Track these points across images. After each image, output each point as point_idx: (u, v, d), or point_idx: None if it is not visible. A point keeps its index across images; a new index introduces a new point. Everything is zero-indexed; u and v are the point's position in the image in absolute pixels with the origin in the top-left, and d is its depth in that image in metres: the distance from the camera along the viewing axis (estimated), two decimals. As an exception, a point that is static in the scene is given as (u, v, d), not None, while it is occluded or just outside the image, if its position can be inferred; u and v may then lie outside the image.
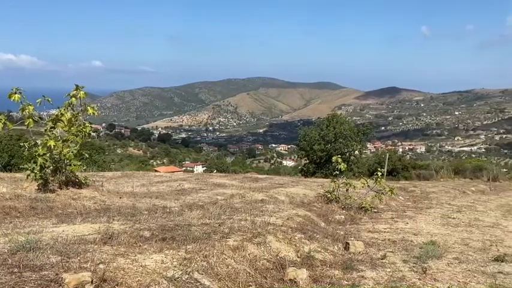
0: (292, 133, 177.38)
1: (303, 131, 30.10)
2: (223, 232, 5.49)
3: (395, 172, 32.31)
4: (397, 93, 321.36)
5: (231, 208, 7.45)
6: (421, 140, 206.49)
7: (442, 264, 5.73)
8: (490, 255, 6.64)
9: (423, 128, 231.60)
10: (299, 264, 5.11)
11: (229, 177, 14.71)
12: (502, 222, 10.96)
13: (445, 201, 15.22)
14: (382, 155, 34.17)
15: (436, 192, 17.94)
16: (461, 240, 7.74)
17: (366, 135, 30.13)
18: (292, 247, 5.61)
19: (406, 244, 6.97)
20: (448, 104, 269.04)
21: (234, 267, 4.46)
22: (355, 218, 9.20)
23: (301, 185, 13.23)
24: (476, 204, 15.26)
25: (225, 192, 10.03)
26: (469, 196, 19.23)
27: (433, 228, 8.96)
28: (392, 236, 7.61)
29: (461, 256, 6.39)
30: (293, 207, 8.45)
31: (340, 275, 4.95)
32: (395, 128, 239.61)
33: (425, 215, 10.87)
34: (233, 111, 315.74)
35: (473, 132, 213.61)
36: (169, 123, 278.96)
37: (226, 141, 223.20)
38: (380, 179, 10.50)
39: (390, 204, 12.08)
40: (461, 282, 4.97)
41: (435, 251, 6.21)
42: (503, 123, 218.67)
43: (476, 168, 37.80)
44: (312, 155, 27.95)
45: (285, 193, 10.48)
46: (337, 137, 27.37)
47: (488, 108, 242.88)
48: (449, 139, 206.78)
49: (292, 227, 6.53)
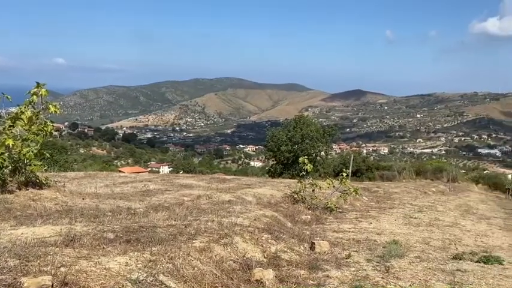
0: (260, 134, 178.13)
1: (271, 132, 30.26)
2: (190, 233, 5.44)
3: (359, 173, 32.98)
4: (362, 96, 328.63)
5: (197, 209, 7.40)
6: (385, 142, 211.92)
7: (404, 263, 5.90)
8: (449, 253, 6.89)
9: (387, 130, 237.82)
10: (265, 264, 5.13)
11: (196, 178, 14.61)
12: (461, 222, 11.40)
13: (407, 201, 15.68)
14: (347, 156, 34.83)
15: (398, 192, 18.45)
16: (422, 240, 7.99)
17: (331, 136, 30.56)
18: (259, 248, 5.63)
19: (369, 243, 7.13)
20: (410, 107, 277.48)
21: (200, 269, 4.43)
22: (321, 218, 9.34)
23: (268, 185, 13.30)
24: (437, 205, 15.81)
25: (191, 193, 9.94)
26: (430, 196, 19.90)
27: (395, 227, 9.21)
28: (357, 236, 7.77)
29: (422, 255, 6.59)
30: (260, 207, 8.48)
31: (305, 274, 5.00)
32: (360, 130, 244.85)
33: (388, 215, 11.16)
34: (201, 112, 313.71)
35: (434, 134, 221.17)
36: (135, 123, 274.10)
37: (194, 141, 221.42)
38: (345, 179, 10.70)
39: (355, 204, 12.33)
40: (422, 280, 5.13)
41: (398, 250, 6.38)
42: (462, 126, 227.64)
43: (437, 169, 39.15)
44: (279, 155, 28.12)
45: (253, 194, 10.50)
46: (304, 138, 27.66)
47: (448, 111, 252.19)
48: (411, 141, 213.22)
49: (259, 227, 6.55)
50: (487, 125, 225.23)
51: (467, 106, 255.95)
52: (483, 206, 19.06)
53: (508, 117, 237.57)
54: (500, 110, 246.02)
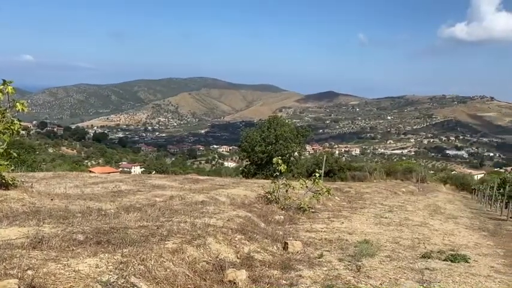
0: (234, 134, 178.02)
1: (245, 132, 30.29)
2: (162, 235, 5.38)
3: (332, 173, 33.40)
4: (335, 98, 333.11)
5: (170, 210, 7.32)
6: (356, 143, 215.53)
7: (375, 262, 6.01)
8: (418, 252, 7.06)
9: (358, 131, 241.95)
10: (239, 265, 5.12)
11: (169, 179, 14.45)
12: (429, 221, 11.71)
13: (377, 201, 15.98)
14: (320, 156, 35.22)
15: (369, 192, 18.79)
16: (393, 239, 8.16)
17: (305, 137, 30.83)
18: (232, 248, 5.62)
19: (341, 243, 7.23)
20: (381, 109, 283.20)
21: (173, 270, 4.39)
22: (294, 218, 9.40)
23: (242, 186, 13.29)
24: (406, 204, 16.18)
25: (164, 193, 9.83)
26: (400, 196, 20.35)
27: (366, 227, 9.37)
28: (329, 236, 7.87)
29: (392, 254, 6.73)
30: (234, 208, 8.47)
31: (278, 274, 5.02)
32: (333, 131, 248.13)
33: (359, 215, 11.35)
34: (174, 111, 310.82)
35: (404, 136, 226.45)
36: (106, 122, 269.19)
37: (166, 141, 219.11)
38: (318, 180, 10.81)
39: (327, 204, 12.48)
40: (393, 279, 5.24)
41: (369, 250, 6.50)
42: (431, 128, 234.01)
43: (407, 170, 40.11)
44: (253, 156, 28.17)
45: (226, 194, 10.48)
46: (278, 138, 27.78)
47: (418, 113, 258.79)
48: (382, 142, 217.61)
49: (233, 228, 6.55)
50: (454, 127, 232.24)
51: (436, 108, 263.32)
52: (451, 205, 19.64)
53: (474, 119, 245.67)
54: (467, 113, 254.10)
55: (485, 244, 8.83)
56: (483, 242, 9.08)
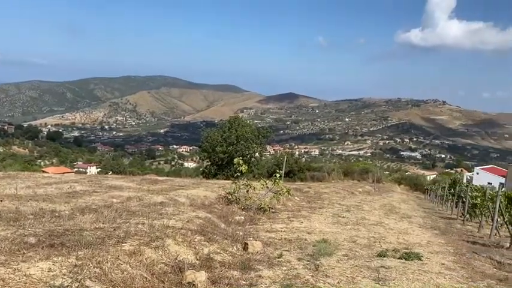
0: (195, 134, 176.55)
1: (206, 132, 30.07)
2: (119, 236, 5.24)
3: (292, 174, 33.78)
4: (296, 99, 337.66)
5: (127, 211, 7.15)
6: (316, 144, 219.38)
7: (333, 261, 6.13)
8: (374, 251, 7.26)
9: (318, 133, 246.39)
10: (198, 266, 5.08)
11: (126, 179, 14.13)
12: (385, 221, 12.08)
13: (336, 201, 16.32)
14: (281, 157, 35.55)
15: (328, 192, 19.16)
16: (350, 238, 8.35)
17: (266, 138, 30.98)
18: (192, 250, 5.57)
19: (300, 243, 7.32)
20: (339, 111, 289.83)
21: (130, 273, 4.29)
22: (254, 218, 9.43)
23: (202, 186, 13.19)
24: (363, 204, 16.62)
25: (121, 194, 9.59)
26: (357, 196, 20.88)
27: (325, 227, 9.54)
28: (288, 235, 7.94)
29: (349, 253, 6.89)
30: (194, 209, 8.39)
31: (238, 275, 5.02)
32: (293, 132, 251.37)
33: (318, 215, 11.54)
34: (132, 110, 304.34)
35: (361, 137, 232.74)
36: (61, 121, 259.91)
37: (124, 141, 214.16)
38: (278, 180, 10.89)
39: (287, 204, 12.61)
40: (350, 277, 5.36)
41: (327, 249, 6.62)
42: (387, 130, 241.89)
43: (363, 170, 41.22)
44: (214, 156, 28.01)
45: (186, 195, 10.36)
46: (239, 139, 27.76)
47: (374, 116, 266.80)
48: (340, 143, 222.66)
49: (192, 229, 6.48)
50: (409, 129, 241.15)
51: (392, 111, 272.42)
52: (405, 205, 20.34)
53: (427, 122, 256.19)
54: (421, 116, 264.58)
55: (436, 242, 9.21)
56: (435, 240, 9.46)
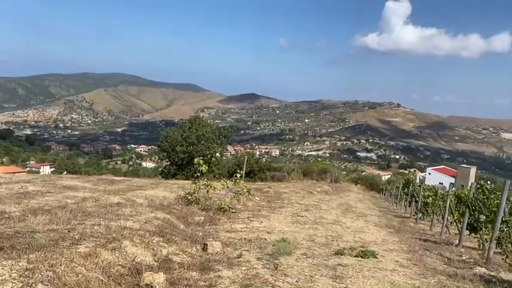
0: (154, 134, 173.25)
1: (165, 131, 29.57)
2: (74, 238, 5.07)
3: (252, 174, 33.89)
4: (257, 100, 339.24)
5: (83, 212, 6.93)
6: (276, 144, 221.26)
7: (292, 260, 6.20)
8: (331, 249, 7.41)
9: (278, 133, 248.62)
10: (156, 268, 4.99)
11: (82, 179, 13.69)
12: (342, 219, 12.36)
13: (295, 200, 16.53)
14: (241, 157, 35.56)
15: (287, 192, 19.37)
16: (308, 237, 8.48)
17: (226, 138, 30.88)
18: (150, 251, 5.46)
19: (260, 242, 7.36)
20: (299, 112, 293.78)
21: (85, 276, 4.15)
22: (214, 218, 9.38)
23: (161, 187, 12.99)
24: (321, 203, 16.93)
25: (76, 195, 9.27)
26: (315, 196, 21.25)
27: (284, 226, 9.64)
28: (248, 235, 7.96)
29: (308, 251, 6.99)
30: (152, 210, 8.24)
31: (197, 276, 4.98)
32: (254, 132, 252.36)
33: (278, 214, 11.64)
34: (88, 108, 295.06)
35: (320, 138, 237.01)
36: (12, 118, 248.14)
37: (80, 140, 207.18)
38: (239, 180, 10.89)
39: (247, 204, 12.63)
40: (308, 276, 5.44)
41: (286, 248, 6.69)
42: (344, 131, 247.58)
43: (322, 170, 42.07)
44: (173, 156, 27.61)
45: (144, 196, 10.16)
46: (200, 139, 27.53)
47: (332, 117, 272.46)
48: (300, 144, 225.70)
49: (150, 230, 6.36)
50: (365, 131, 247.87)
51: (349, 113, 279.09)
52: (361, 204, 20.91)
53: (383, 124, 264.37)
54: (377, 118, 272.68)
55: (391, 240, 9.52)
56: (389, 239, 9.77)
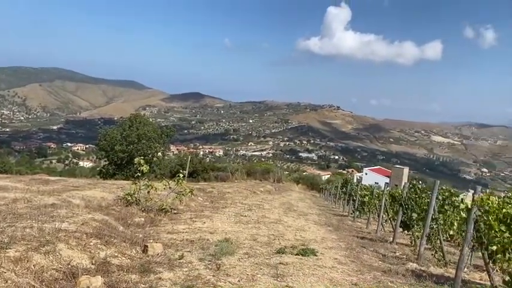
0: (92, 132, 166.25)
1: (104, 130, 28.53)
2: (2, 242, 4.76)
3: (195, 174, 33.63)
4: (201, 99, 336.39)
5: (13, 214, 6.52)
6: (220, 144, 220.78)
7: (234, 260, 6.22)
8: (273, 248, 7.52)
9: (222, 133, 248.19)
10: (93, 271, 4.81)
11: (13, 179, 12.87)
12: (284, 218, 12.58)
13: (238, 200, 16.59)
14: (184, 157, 35.18)
15: (231, 192, 19.39)
16: (251, 236, 8.55)
17: (169, 137, 30.42)
18: (87, 254, 5.25)
19: (203, 243, 7.32)
20: (244, 113, 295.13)
21: (15, 281, 3.91)
22: (156, 219, 9.20)
23: (99, 187, 12.51)
24: (264, 203, 17.13)
25: (6, 196, 8.70)
26: (259, 196, 21.46)
27: (227, 226, 9.65)
28: (191, 236, 7.89)
29: (250, 251, 7.05)
30: (89, 211, 7.92)
31: (137, 279, 4.86)
32: (198, 132, 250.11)
33: (221, 214, 11.63)
34: (21, 104, 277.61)
35: (264, 139, 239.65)
36: None
37: (11, 137, 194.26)
38: (181, 180, 10.76)
39: (190, 205, 12.50)
40: (250, 275, 5.49)
41: (228, 248, 6.70)
42: (287, 132, 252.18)
43: (265, 170, 42.55)
44: (112, 155, 26.72)
45: (81, 196, 9.74)
46: (141, 138, 26.86)
47: (276, 118, 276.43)
48: (244, 144, 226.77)
49: (88, 232, 6.12)
50: (307, 132, 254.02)
51: (292, 114, 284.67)
52: (302, 203, 21.41)
53: (323, 126, 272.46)
54: (318, 120, 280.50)
55: (330, 238, 9.84)
56: (328, 236, 10.10)
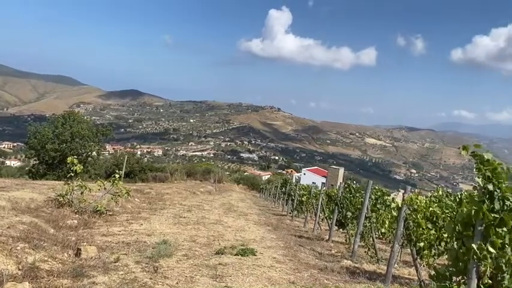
0: (21, 129, 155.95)
1: (34, 127, 26.89)
2: None
3: (133, 174, 32.70)
4: (139, 97, 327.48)
5: None
6: (159, 144, 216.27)
7: (172, 262, 6.12)
8: (213, 249, 7.50)
9: (162, 132, 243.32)
10: (20, 277, 4.52)
11: None
12: (224, 219, 12.57)
13: (177, 201, 16.34)
14: (121, 157, 34.08)
15: (170, 193, 19.05)
16: (190, 238, 8.46)
17: (105, 136, 29.32)
18: (13, 259, 4.92)
19: (139, 245, 7.12)
20: (184, 112, 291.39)
21: None
22: (90, 222, 8.82)
23: (28, 188, 11.75)
24: (204, 204, 17.01)
25: None
26: (199, 196, 21.27)
27: (165, 227, 9.47)
28: (127, 238, 7.65)
29: (189, 252, 6.97)
30: (16, 213, 7.43)
31: (69, 284, 4.63)
32: (136, 131, 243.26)
33: (159, 216, 11.39)
34: None
35: (205, 139, 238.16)
36: None
37: None
38: (117, 181, 10.41)
39: (126, 206, 12.12)
40: (188, 277, 5.43)
41: (167, 250, 6.58)
42: (229, 133, 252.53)
43: (206, 171, 42.32)
44: (43, 154, 25.26)
45: (7, 198, 9.10)
46: (74, 136, 25.65)
47: (217, 118, 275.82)
48: (184, 144, 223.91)
49: (14, 236, 5.74)
50: (248, 133, 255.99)
51: (234, 115, 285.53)
52: (242, 203, 21.52)
53: (264, 127, 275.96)
54: (259, 121, 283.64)
55: (269, 238, 9.97)
56: (268, 236, 10.23)
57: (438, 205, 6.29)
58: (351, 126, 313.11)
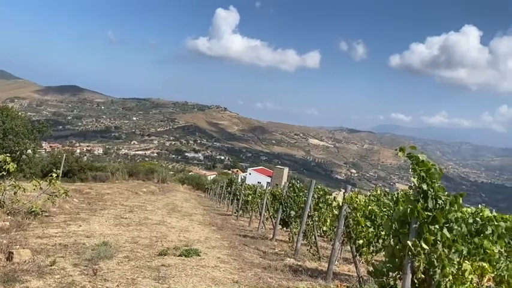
0: None
1: (-39, 123, 24.99)
2: None
3: (71, 174, 31.37)
4: (79, 93, 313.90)
5: None
6: (100, 142, 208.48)
7: (113, 264, 5.93)
8: (155, 250, 7.35)
9: (103, 130, 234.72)
10: None
11: None
12: (167, 219, 12.37)
13: (119, 202, 15.85)
14: (59, 155, 32.54)
15: (111, 193, 18.45)
16: (132, 239, 8.24)
17: (41, 133, 27.84)
18: None
19: (78, 247, 6.83)
20: (127, 109, 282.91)
21: None
22: (23, 223, 8.33)
23: (-48, 188, 10.90)
24: (147, 204, 16.64)
25: None
26: (141, 197, 20.76)
27: (106, 229, 9.16)
28: (64, 240, 7.31)
29: (130, 254, 6.79)
30: None
31: (-1, 290, 4.35)
32: (75, 128, 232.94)
33: (99, 217, 10.99)
34: None
35: (148, 137, 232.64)
36: None
37: None
38: (54, 180, 9.93)
39: (64, 207, 11.59)
40: (130, 279, 5.28)
41: (107, 252, 6.36)
42: (174, 132, 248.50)
43: (149, 170, 41.38)
44: (-29, 152, 23.57)
45: None
46: (7, 133, 24.12)
47: (162, 117, 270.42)
48: (126, 142, 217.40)
49: None
50: (194, 132, 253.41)
51: (179, 113, 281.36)
52: (187, 204, 21.29)
53: (210, 126, 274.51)
54: (205, 120, 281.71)
55: (214, 238, 9.94)
56: (212, 236, 10.20)
57: (376, 204, 6.58)
58: (295, 127, 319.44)
